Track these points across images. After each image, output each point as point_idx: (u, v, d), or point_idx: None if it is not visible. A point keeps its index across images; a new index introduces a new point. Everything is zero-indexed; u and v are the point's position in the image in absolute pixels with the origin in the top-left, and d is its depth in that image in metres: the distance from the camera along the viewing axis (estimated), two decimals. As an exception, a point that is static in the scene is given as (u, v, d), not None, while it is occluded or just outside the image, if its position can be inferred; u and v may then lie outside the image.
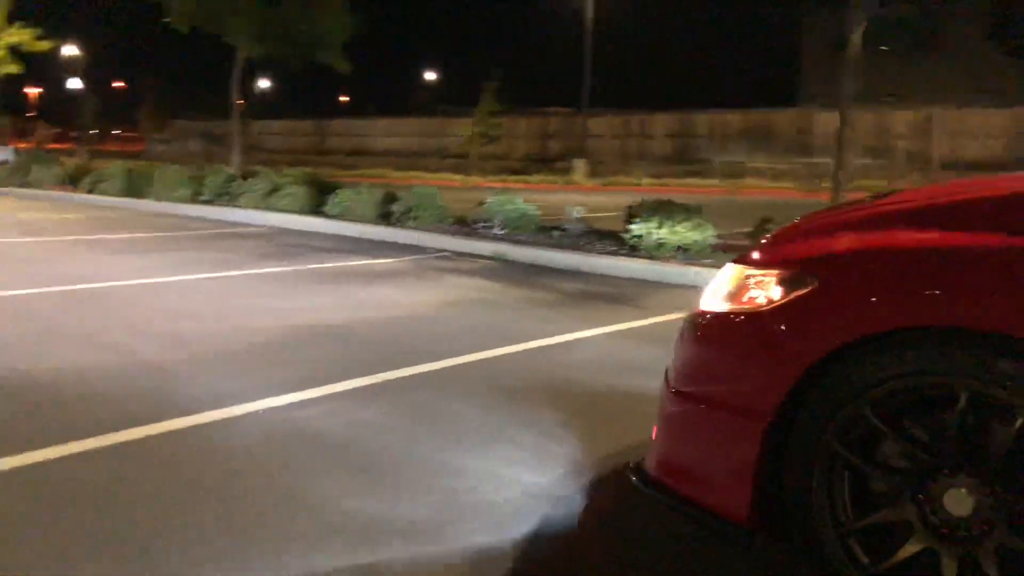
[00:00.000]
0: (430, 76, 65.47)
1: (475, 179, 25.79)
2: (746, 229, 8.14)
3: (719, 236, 7.69)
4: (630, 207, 8.16)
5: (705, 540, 2.41)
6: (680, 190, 21.07)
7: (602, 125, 31.45)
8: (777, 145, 27.79)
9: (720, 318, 2.16)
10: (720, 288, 2.22)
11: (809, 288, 1.94)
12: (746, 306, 2.08)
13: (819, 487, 1.93)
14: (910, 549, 1.82)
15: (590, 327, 5.06)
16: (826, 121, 27.93)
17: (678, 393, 2.25)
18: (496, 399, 3.66)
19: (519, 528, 2.47)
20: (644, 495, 2.45)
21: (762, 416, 1.99)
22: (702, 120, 30.20)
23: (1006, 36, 28.88)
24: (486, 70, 31.77)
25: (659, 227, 7.40)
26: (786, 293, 1.98)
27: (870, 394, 1.83)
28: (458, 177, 26.15)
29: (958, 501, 1.76)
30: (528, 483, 2.79)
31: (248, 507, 2.57)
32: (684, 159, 29.27)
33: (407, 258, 8.04)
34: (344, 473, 2.85)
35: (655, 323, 5.32)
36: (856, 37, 7.14)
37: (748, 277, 2.11)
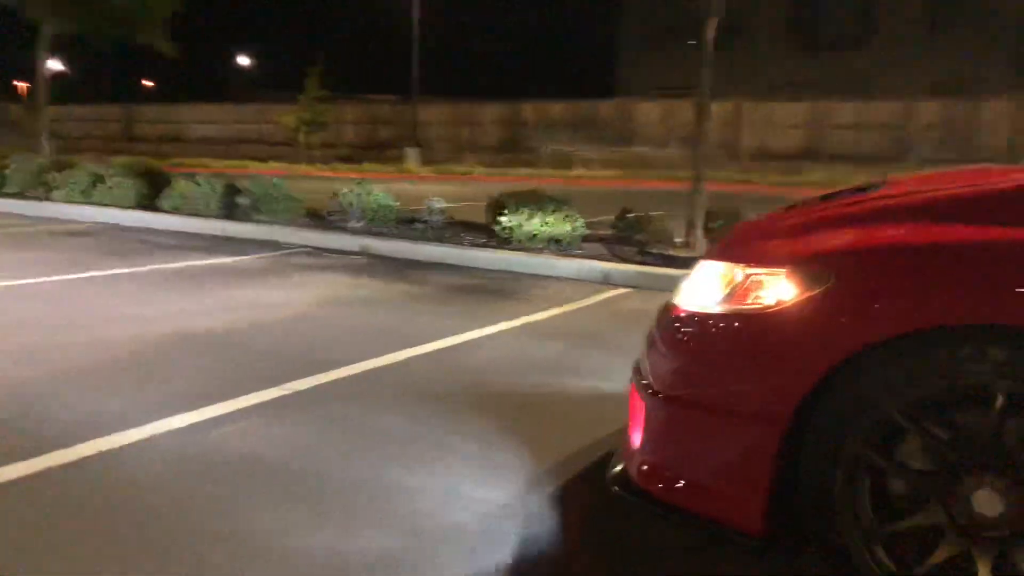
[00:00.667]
0: (244, 61, 62.41)
1: (303, 168, 24.84)
2: (603, 218, 8.24)
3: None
4: (494, 198, 8.07)
5: (693, 548, 2.33)
6: (515, 179, 21.26)
7: (432, 113, 31.18)
8: (601, 134, 28.69)
9: (718, 320, 2.08)
10: (709, 287, 2.14)
11: (827, 286, 1.88)
12: (751, 306, 2.01)
13: (843, 493, 1.89)
14: (942, 553, 1.81)
15: (487, 325, 4.91)
16: (644, 111, 29.17)
17: (671, 399, 2.15)
18: (421, 408, 3.43)
19: (497, 553, 2.29)
20: (621, 505, 2.36)
21: (778, 421, 1.93)
22: (530, 110, 30.61)
23: (801, 32, 31.24)
24: (306, 55, 30.70)
25: (530, 218, 7.34)
26: (799, 292, 1.92)
27: (900, 396, 1.80)
28: (285, 166, 25.09)
29: (990, 501, 1.76)
30: (489, 500, 2.61)
31: (181, 554, 2.24)
32: (514, 148, 29.59)
33: (265, 255, 7.53)
34: (284, 504, 2.55)
35: (550, 317, 5.24)
36: (710, 32, 7.36)
37: (748, 276, 2.03)
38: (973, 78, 27.11)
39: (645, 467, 2.22)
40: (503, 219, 7.48)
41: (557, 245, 7.36)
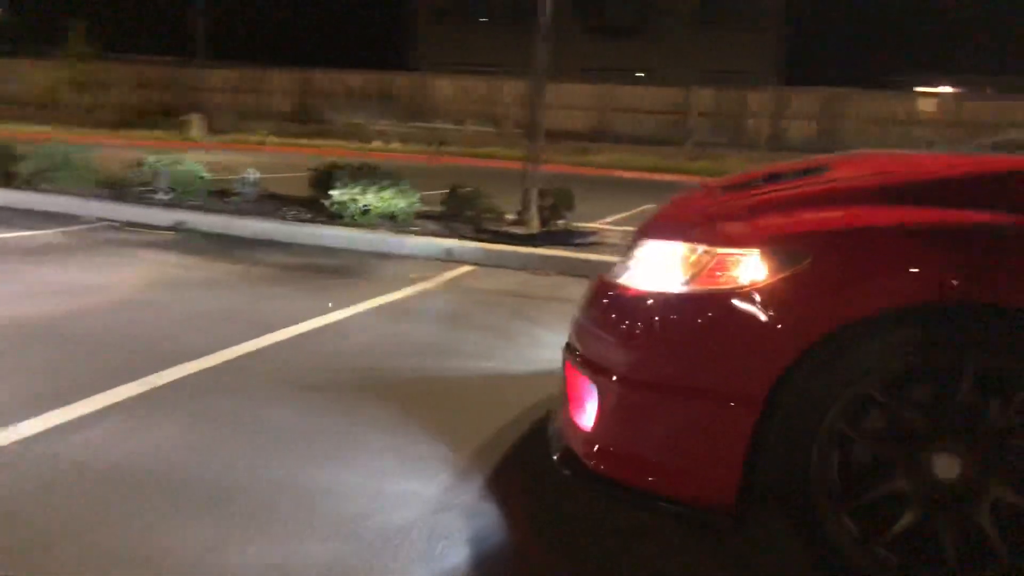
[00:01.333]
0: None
1: (63, 132, 22.40)
2: (431, 192, 8.05)
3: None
4: (320, 170, 7.67)
5: (645, 527, 2.31)
6: (311, 151, 20.56)
7: (216, 78, 29.28)
8: (398, 108, 28.34)
9: (686, 301, 2.05)
10: (667, 268, 2.11)
11: (803, 266, 1.91)
12: (724, 287, 1.99)
13: (819, 468, 1.93)
14: (908, 519, 1.91)
15: (342, 306, 4.64)
16: (441, 86, 29.17)
17: (633, 382, 2.11)
18: (308, 400, 3.17)
19: (451, 553, 2.16)
20: (559, 487, 2.33)
21: (755, 400, 1.94)
22: (322, 79, 29.57)
23: (588, 18, 32.43)
24: (66, 7, 27.78)
25: (364, 193, 7.05)
26: (775, 272, 1.93)
27: (878, 372, 1.87)
28: (48, 129, 22.54)
29: (950, 466, 1.87)
30: (423, 495, 2.45)
31: (92, 585, 1.91)
32: (306, 118, 28.51)
33: (63, 229, 6.68)
34: (196, 516, 2.25)
35: (406, 297, 5.05)
36: (547, 12, 7.39)
37: (718, 256, 2.02)
38: (740, 70, 29.50)
39: (602, 450, 2.17)
40: (335, 193, 7.12)
41: (392, 221, 7.13)
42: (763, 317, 1.94)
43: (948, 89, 28.70)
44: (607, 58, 31.51)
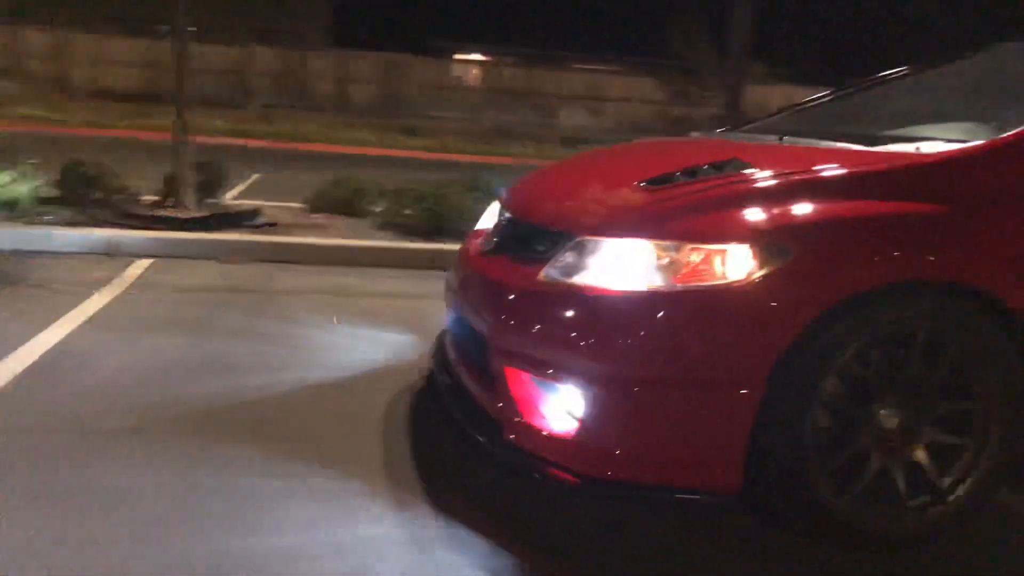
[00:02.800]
0: None
1: None
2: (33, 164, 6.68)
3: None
4: None
5: (622, 521, 2.35)
6: None
7: None
8: None
9: (678, 298, 2.12)
10: (647, 267, 2.16)
11: (792, 257, 2.09)
12: (717, 282, 2.10)
13: (812, 435, 2.16)
14: (873, 469, 2.24)
15: (43, 326, 3.74)
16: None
17: (630, 382, 2.15)
18: (141, 452, 2.58)
19: (472, 593, 1.98)
20: (519, 489, 2.30)
21: (757, 384, 2.11)
22: None
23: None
24: None
25: (-28, 178, 5.66)
26: (765, 264, 2.08)
27: (855, 344, 2.14)
28: None
29: (897, 418, 2.24)
30: (389, 537, 2.19)
31: None
32: None
33: None
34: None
35: (109, 305, 4.20)
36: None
37: (705, 252, 2.12)
38: (293, 31, 29.04)
39: (592, 453, 2.19)
40: (-71, 180, 5.60)
41: (11, 211, 5.83)
42: (761, 307, 2.09)
43: (480, 57, 31.62)
44: (153, 12, 28.73)
